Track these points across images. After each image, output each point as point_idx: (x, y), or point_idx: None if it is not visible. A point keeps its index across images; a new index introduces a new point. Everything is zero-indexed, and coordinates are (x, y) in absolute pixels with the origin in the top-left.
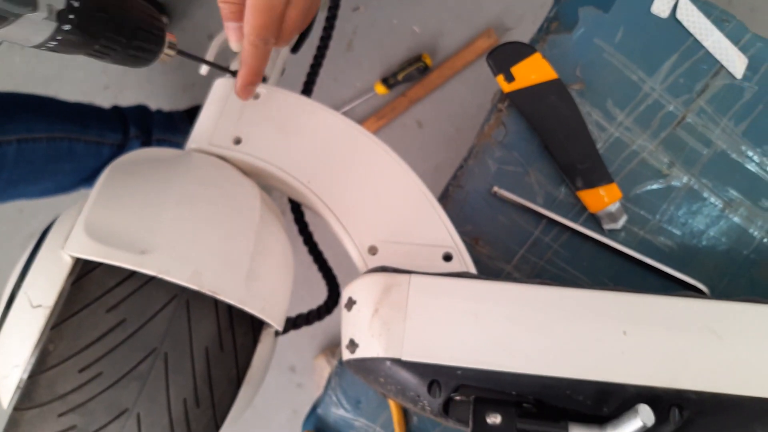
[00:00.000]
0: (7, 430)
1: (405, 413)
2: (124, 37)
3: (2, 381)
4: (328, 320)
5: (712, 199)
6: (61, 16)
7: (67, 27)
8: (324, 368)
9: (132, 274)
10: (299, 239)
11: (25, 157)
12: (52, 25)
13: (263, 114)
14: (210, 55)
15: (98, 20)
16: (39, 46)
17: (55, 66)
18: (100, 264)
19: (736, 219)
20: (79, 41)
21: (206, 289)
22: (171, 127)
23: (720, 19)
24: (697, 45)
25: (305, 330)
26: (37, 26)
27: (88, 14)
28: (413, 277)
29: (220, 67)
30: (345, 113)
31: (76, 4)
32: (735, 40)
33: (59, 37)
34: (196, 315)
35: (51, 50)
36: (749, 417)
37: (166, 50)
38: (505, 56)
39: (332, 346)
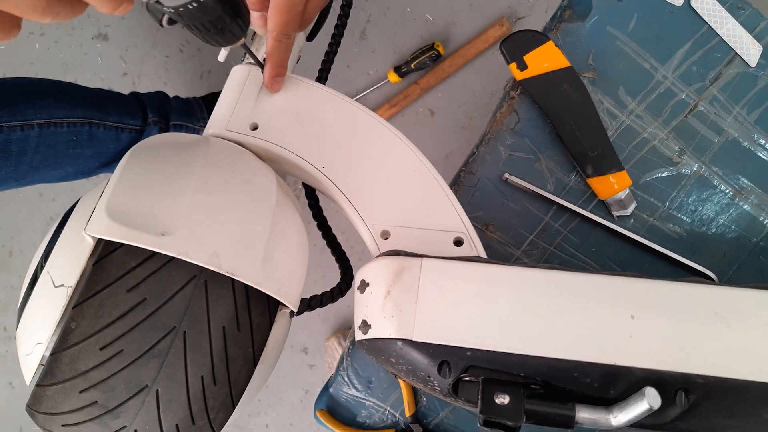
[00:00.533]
0: (30, 405)
1: (415, 393)
2: (234, 12)
3: (26, 358)
4: (339, 303)
5: (723, 187)
6: None
7: None
8: (335, 350)
9: (152, 255)
10: (314, 223)
11: (47, 142)
12: None
13: (279, 101)
14: None
15: None
16: (179, 7)
17: (74, 52)
18: (121, 245)
19: (746, 207)
20: (210, 7)
21: (224, 270)
22: (188, 113)
23: (735, 7)
24: (712, 33)
25: (318, 313)
26: None
27: None
28: (425, 260)
29: (261, 65)
30: (358, 101)
31: None
32: (750, 28)
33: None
34: (214, 295)
35: (181, 14)
36: (756, 401)
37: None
38: (518, 44)
39: (344, 329)
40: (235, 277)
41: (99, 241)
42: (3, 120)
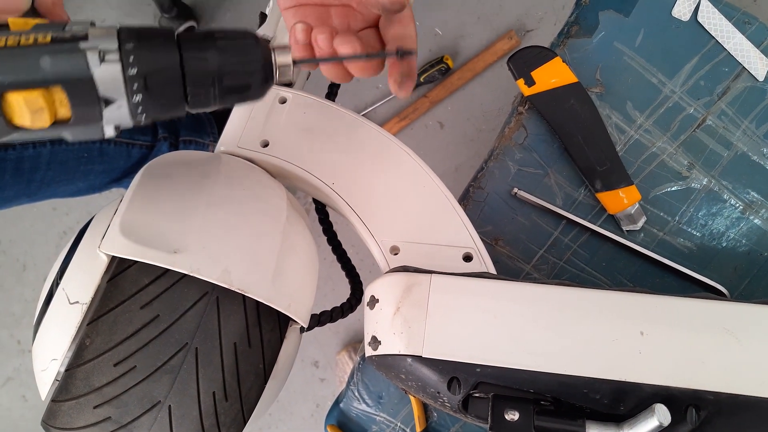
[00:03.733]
0: (45, 420)
1: (425, 409)
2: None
3: (41, 373)
4: (351, 317)
5: (732, 201)
6: None
7: None
8: (346, 363)
9: (165, 273)
10: (323, 239)
11: (58, 158)
12: None
13: (289, 118)
14: None
15: None
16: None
17: None
18: (134, 262)
19: (756, 221)
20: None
21: (235, 286)
22: (198, 128)
23: (742, 21)
24: (719, 47)
25: (328, 326)
26: None
27: None
28: (434, 276)
29: None
30: (367, 114)
31: None
32: (757, 42)
33: None
34: (226, 312)
35: None
36: (767, 418)
37: None
38: (525, 60)
39: (355, 342)
40: (246, 294)
41: (113, 258)
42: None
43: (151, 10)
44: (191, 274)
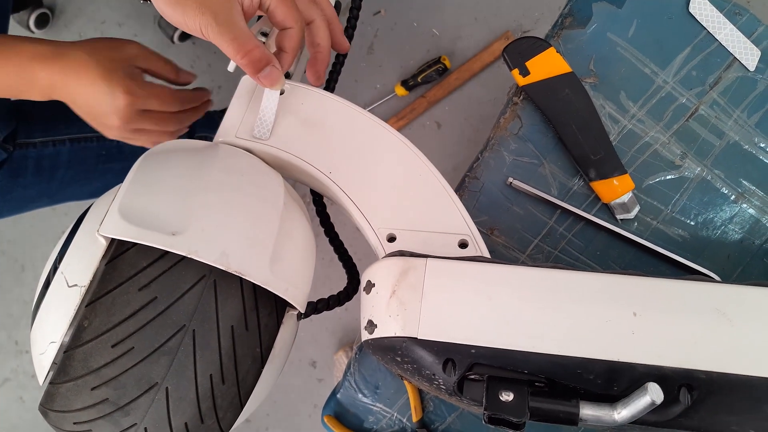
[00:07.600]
0: (42, 404)
1: (422, 399)
2: None
3: (40, 357)
4: (348, 317)
5: (725, 190)
6: None
7: None
8: (344, 363)
9: (163, 255)
10: (321, 230)
11: (78, 157)
12: None
13: (287, 108)
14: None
15: None
16: None
17: None
18: (133, 245)
19: (749, 209)
20: None
21: (233, 269)
22: (211, 125)
23: (733, 12)
24: (710, 38)
25: (326, 326)
26: None
27: None
28: (429, 260)
29: None
30: None
31: None
32: (748, 32)
33: None
34: (223, 294)
35: None
36: (759, 397)
37: None
38: (520, 51)
39: (352, 342)
40: (243, 277)
41: (112, 241)
42: (36, 136)
43: (151, 12)
44: (189, 257)
